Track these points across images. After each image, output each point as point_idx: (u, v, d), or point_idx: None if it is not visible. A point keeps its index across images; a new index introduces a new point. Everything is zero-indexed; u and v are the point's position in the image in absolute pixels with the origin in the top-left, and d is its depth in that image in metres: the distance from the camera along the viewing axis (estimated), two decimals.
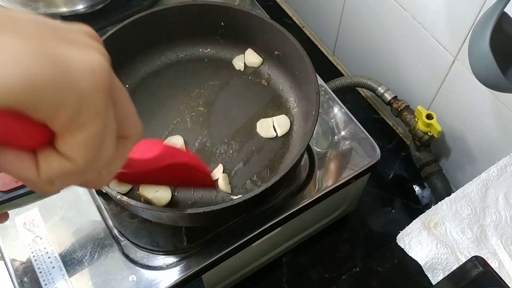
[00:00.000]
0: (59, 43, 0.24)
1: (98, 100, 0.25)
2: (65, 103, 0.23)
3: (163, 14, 0.72)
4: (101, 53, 0.26)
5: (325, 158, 0.72)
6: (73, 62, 0.24)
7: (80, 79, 0.24)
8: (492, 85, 0.56)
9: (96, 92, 0.25)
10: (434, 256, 0.57)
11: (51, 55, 0.23)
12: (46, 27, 0.25)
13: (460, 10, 0.70)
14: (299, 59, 0.67)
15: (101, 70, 0.25)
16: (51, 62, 0.23)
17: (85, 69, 0.24)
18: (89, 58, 0.25)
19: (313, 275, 0.85)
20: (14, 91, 0.22)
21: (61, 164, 0.25)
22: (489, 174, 0.62)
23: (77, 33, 0.27)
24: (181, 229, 0.64)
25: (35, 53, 0.23)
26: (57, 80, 0.23)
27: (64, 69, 0.24)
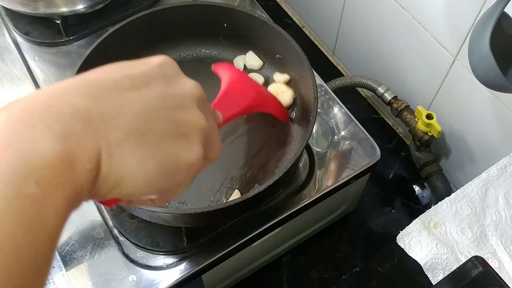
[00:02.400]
0: (175, 142, 0.30)
1: (188, 181, 0.33)
2: (167, 189, 0.31)
3: (165, 14, 0.72)
4: (202, 137, 0.32)
5: (325, 158, 0.72)
6: (180, 161, 0.31)
7: (181, 173, 0.31)
8: (492, 85, 0.56)
9: (188, 177, 0.32)
10: (434, 256, 0.57)
11: (169, 161, 0.30)
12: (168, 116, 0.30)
13: (460, 10, 0.70)
14: (299, 63, 0.67)
15: (196, 163, 0.32)
16: (166, 167, 0.30)
17: (187, 165, 0.31)
18: (191, 155, 0.31)
19: (313, 275, 0.85)
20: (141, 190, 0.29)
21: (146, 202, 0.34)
22: (489, 174, 0.62)
23: (189, 108, 0.32)
24: (181, 229, 0.64)
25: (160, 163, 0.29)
26: (167, 178, 0.30)
27: (174, 170, 0.30)
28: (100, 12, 0.84)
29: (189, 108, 0.32)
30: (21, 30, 0.84)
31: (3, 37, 0.85)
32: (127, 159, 0.28)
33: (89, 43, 0.73)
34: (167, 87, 0.31)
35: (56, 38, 0.83)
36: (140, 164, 0.28)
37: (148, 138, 0.29)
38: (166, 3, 0.73)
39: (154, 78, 0.31)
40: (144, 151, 0.29)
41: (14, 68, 0.81)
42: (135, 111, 0.29)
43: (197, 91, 0.34)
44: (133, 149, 0.28)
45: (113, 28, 0.68)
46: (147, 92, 0.30)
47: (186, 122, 0.31)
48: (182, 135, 0.31)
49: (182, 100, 0.32)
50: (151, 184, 0.29)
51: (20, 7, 0.80)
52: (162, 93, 0.31)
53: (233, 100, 0.55)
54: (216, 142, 0.36)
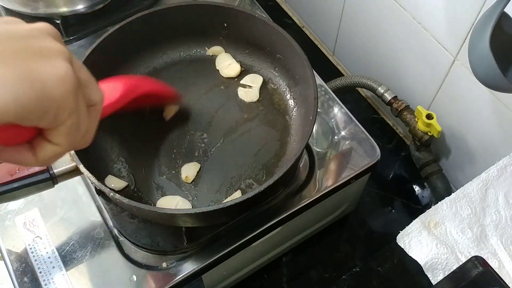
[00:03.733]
0: (32, 60, 0.30)
1: (70, 100, 0.31)
2: (46, 111, 0.30)
3: (165, 14, 0.72)
4: (64, 57, 0.32)
5: (325, 158, 0.72)
6: (46, 77, 0.30)
7: (54, 89, 0.30)
8: (492, 85, 0.56)
9: (67, 94, 0.31)
10: (434, 256, 0.57)
11: (30, 77, 0.29)
12: (18, 42, 0.30)
13: (460, 10, 0.70)
14: (299, 63, 0.67)
15: (68, 76, 0.31)
16: (31, 83, 0.29)
17: (57, 80, 0.30)
18: (57, 69, 0.31)
19: (313, 275, 0.85)
20: (6, 112, 0.28)
21: (53, 149, 0.33)
22: (489, 174, 0.62)
23: (42, 38, 0.32)
24: (181, 229, 0.64)
25: (18, 77, 0.28)
26: (38, 96, 0.29)
27: (41, 86, 0.29)
28: (100, 12, 0.84)
29: (41, 37, 0.32)
30: None
31: None
32: None
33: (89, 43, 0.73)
34: (9, 25, 0.31)
35: None
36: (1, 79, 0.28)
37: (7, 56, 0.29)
38: (166, 3, 0.73)
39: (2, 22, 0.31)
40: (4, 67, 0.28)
41: None
42: None
43: (48, 27, 0.33)
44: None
45: (113, 28, 0.68)
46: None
47: (40, 45, 0.31)
48: (40, 55, 0.30)
49: (30, 32, 0.31)
50: (18, 100, 0.28)
51: (20, 7, 0.80)
52: (4, 29, 0.30)
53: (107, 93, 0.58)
54: (93, 82, 0.35)
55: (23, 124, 0.30)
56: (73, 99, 0.32)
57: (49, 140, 0.33)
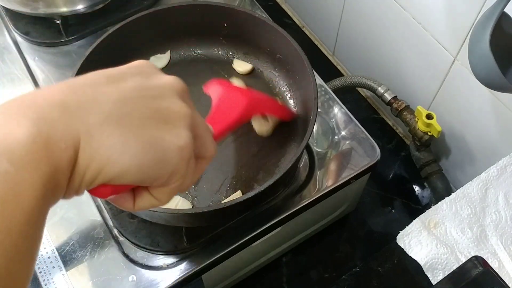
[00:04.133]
0: (158, 127, 0.30)
1: (183, 167, 0.32)
2: (161, 176, 0.31)
3: (165, 14, 0.72)
4: (187, 123, 0.32)
5: (325, 158, 0.72)
6: (168, 146, 0.31)
7: (172, 157, 0.31)
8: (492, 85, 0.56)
9: (182, 163, 0.32)
10: (434, 256, 0.57)
11: (154, 145, 0.30)
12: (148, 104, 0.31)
13: (460, 10, 0.70)
14: (299, 63, 0.67)
15: (187, 147, 0.32)
16: (154, 151, 0.30)
17: (176, 149, 0.31)
18: (179, 139, 0.31)
19: (313, 275, 0.85)
20: (127, 176, 0.29)
21: (151, 201, 0.34)
22: (489, 174, 0.62)
23: (171, 99, 0.32)
24: (181, 229, 0.64)
25: (143, 146, 0.29)
26: (157, 162, 0.30)
27: (163, 154, 0.30)
28: (100, 12, 0.84)
29: (169, 97, 0.32)
30: (21, 30, 0.84)
31: (3, 37, 0.85)
32: (108, 138, 0.28)
33: (89, 43, 0.73)
34: (144, 80, 0.32)
35: (56, 38, 0.83)
36: (123, 143, 0.29)
37: (128, 121, 0.29)
38: (166, 3, 0.73)
39: (131, 75, 0.32)
40: (125, 131, 0.29)
41: (14, 68, 0.81)
42: (112, 99, 0.29)
43: (177, 84, 0.34)
44: (113, 130, 0.28)
45: (113, 28, 0.68)
46: (123, 85, 0.30)
47: (167, 109, 0.32)
48: (165, 121, 0.31)
49: (161, 91, 0.32)
50: (140, 167, 0.29)
51: (20, 7, 0.80)
52: (139, 85, 0.31)
53: (226, 112, 0.55)
54: (208, 139, 0.36)
55: (134, 184, 0.32)
56: (186, 166, 0.32)
57: (151, 194, 0.34)
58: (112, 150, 0.28)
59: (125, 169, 0.29)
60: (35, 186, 0.25)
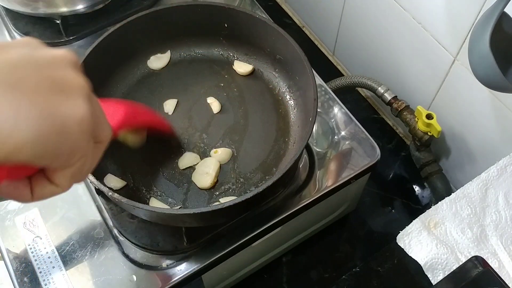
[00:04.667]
0: (54, 95, 0.27)
1: (84, 143, 0.29)
2: (61, 152, 0.28)
3: (165, 14, 0.72)
4: (85, 94, 0.30)
5: (325, 158, 0.72)
6: (66, 116, 0.28)
7: (72, 130, 0.28)
8: (492, 85, 0.56)
9: (84, 137, 0.29)
10: (434, 256, 0.57)
11: (51, 115, 0.27)
12: (41, 71, 0.28)
13: (460, 10, 0.70)
14: (299, 64, 0.67)
15: (86, 118, 0.29)
16: (52, 121, 0.27)
17: (76, 120, 0.28)
18: (78, 109, 0.28)
19: (313, 275, 0.85)
20: (22, 151, 0.26)
21: (51, 189, 0.31)
22: (489, 174, 0.62)
23: (64, 69, 0.30)
24: (181, 229, 0.64)
25: (40, 114, 0.26)
26: (56, 134, 0.27)
27: (61, 125, 0.27)
28: (100, 12, 0.84)
29: (63, 68, 0.30)
30: (21, 30, 0.84)
31: (3, 37, 0.85)
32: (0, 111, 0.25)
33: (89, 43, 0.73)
34: (32, 51, 0.29)
35: (56, 38, 0.83)
36: (17, 112, 0.25)
37: (20, 87, 0.26)
38: (166, 3, 0.73)
39: (16, 46, 0.28)
40: (18, 98, 0.26)
41: None
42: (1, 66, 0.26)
43: (70, 55, 0.31)
44: (3, 96, 0.25)
45: (113, 28, 0.68)
46: (12, 52, 0.27)
47: (62, 77, 0.29)
48: (61, 90, 0.28)
49: (52, 60, 0.29)
50: (37, 140, 0.26)
51: (20, 7, 0.80)
52: (28, 54, 0.28)
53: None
54: (104, 118, 0.33)
55: (33, 165, 0.28)
56: (87, 141, 0.30)
57: (50, 180, 0.31)
58: (4, 121, 0.25)
59: (21, 141, 0.25)
60: None
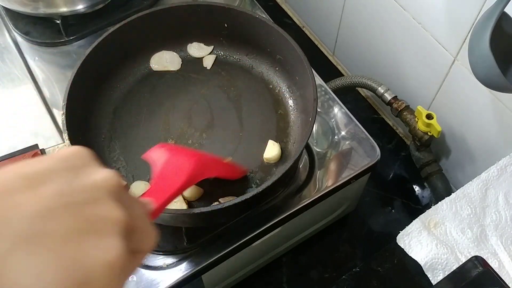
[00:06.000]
0: (82, 240, 0.26)
1: (114, 285, 0.27)
2: None
3: (165, 14, 0.72)
4: (120, 230, 0.28)
5: (325, 158, 0.72)
6: (93, 263, 0.26)
7: (99, 276, 0.26)
8: (492, 85, 0.56)
9: (113, 280, 0.27)
10: (434, 256, 0.57)
11: (74, 265, 0.25)
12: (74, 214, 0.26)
13: (460, 10, 0.70)
14: (299, 64, 0.67)
15: (117, 260, 0.27)
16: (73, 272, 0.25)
17: (104, 266, 0.26)
18: (108, 252, 0.26)
19: (313, 275, 0.85)
20: None
21: None
22: (489, 174, 0.62)
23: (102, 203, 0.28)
24: (181, 229, 0.64)
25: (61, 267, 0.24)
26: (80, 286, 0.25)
27: (84, 277, 0.25)
28: (100, 12, 0.84)
29: (101, 200, 0.28)
30: (21, 30, 0.84)
31: (3, 37, 0.85)
32: (21, 270, 0.23)
33: (89, 43, 0.73)
34: (70, 181, 0.27)
35: (56, 38, 0.83)
36: (39, 275, 0.24)
37: (46, 242, 0.24)
38: (166, 3, 0.73)
39: (55, 174, 0.27)
40: (42, 258, 0.24)
41: (14, 68, 0.81)
42: (27, 214, 0.25)
43: (111, 181, 0.29)
44: (27, 258, 0.24)
45: (113, 28, 0.68)
46: (43, 190, 0.26)
47: (96, 216, 0.27)
48: (93, 231, 0.26)
49: (91, 194, 0.28)
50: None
51: (20, 7, 0.80)
52: (63, 189, 0.26)
53: (170, 178, 0.49)
54: (147, 231, 0.32)
55: None
56: (118, 282, 0.27)
57: None
58: (24, 280, 0.23)
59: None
60: None
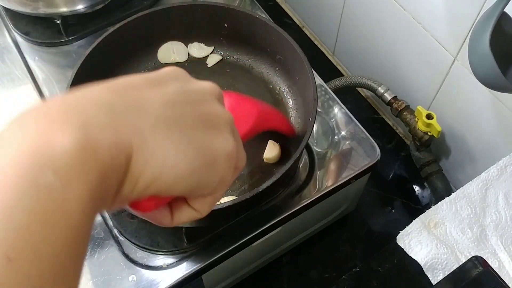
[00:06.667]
0: (206, 131, 0.29)
1: (230, 174, 0.30)
2: (210, 184, 0.29)
3: (165, 14, 0.72)
4: (231, 128, 0.31)
5: (325, 158, 0.72)
6: (217, 151, 0.29)
7: (221, 164, 0.29)
8: (492, 85, 0.56)
9: (231, 170, 0.30)
10: (434, 256, 0.57)
11: (205, 151, 0.28)
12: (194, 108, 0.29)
13: (460, 10, 0.70)
14: (299, 64, 0.67)
15: (234, 153, 0.30)
16: (205, 157, 0.28)
17: (225, 155, 0.29)
18: (226, 144, 0.30)
19: (313, 275, 0.85)
20: (183, 182, 0.27)
21: (190, 214, 0.32)
22: (489, 174, 0.62)
23: (212, 103, 0.31)
24: (181, 229, 0.64)
25: (196, 152, 0.27)
26: (208, 170, 0.28)
27: (213, 161, 0.29)
28: (100, 12, 0.84)
29: (211, 102, 0.31)
30: (21, 30, 0.84)
31: (3, 37, 0.85)
32: (162, 143, 0.26)
33: (89, 43, 0.73)
34: (184, 85, 0.30)
35: (56, 38, 0.83)
36: (177, 148, 0.27)
37: (180, 124, 0.27)
38: (166, 3, 0.73)
39: (169, 79, 0.30)
40: (178, 136, 0.27)
41: (14, 68, 0.81)
42: (159, 103, 0.27)
43: (216, 88, 0.33)
44: (166, 134, 0.26)
45: (113, 28, 0.68)
46: (165, 89, 0.29)
47: (213, 113, 0.30)
48: (212, 125, 0.29)
49: (202, 95, 0.31)
50: (193, 174, 0.27)
51: (20, 7, 0.80)
52: (181, 89, 0.30)
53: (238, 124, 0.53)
54: (242, 147, 0.34)
55: (184, 195, 0.30)
56: (232, 173, 0.31)
57: (190, 206, 0.31)
58: (166, 156, 0.26)
59: (179, 176, 0.27)
60: (84, 199, 0.22)
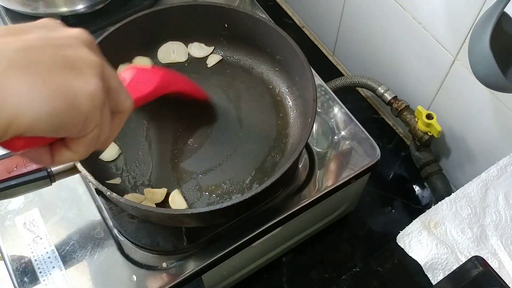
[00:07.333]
0: (67, 73, 0.31)
1: (96, 115, 0.32)
2: (74, 125, 0.31)
3: (165, 14, 0.72)
4: (96, 71, 0.33)
5: (325, 158, 0.72)
6: (78, 92, 0.31)
7: (83, 104, 0.31)
8: (492, 85, 0.56)
9: (95, 110, 0.32)
10: (434, 256, 0.57)
11: (63, 92, 0.30)
12: (55, 51, 0.31)
13: (460, 10, 0.70)
14: (299, 65, 0.67)
15: (97, 93, 0.32)
16: (64, 98, 0.30)
17: (87, 95, 0.31)
18: (88, 85, 0.31)
19: (313, 275, 0.85)
20: (38, 125, 0.29)
21: (69, 155, 0.35)
22: (489, 174, 0.62)
23: (78, 48, 0.33)
24: (181, 229, 0.64)
25: (53, 92, 0.29)
26: (68, 111, 0.30)
27: (73, 100, 0.30)
28: (100, 12, 0.84)
29: (76, 46, 0.32)
30: None
31: None
32: (15, 86, 0.28)
33: None
34: (48, 32, 0.32)
35: None
36: (31, 90, 0.28)
37: (34, 67, 0.29)
38: (166, 3, 0.73)
39: (35, 27, 0.32)
40: (32, 78, 0.28)
41: None
42: (15, 48, 0.29)
43: (84, 34, 0.34)
44: (19, 77, 0.28)
45: (113, 28, 0.68)
46: (26, 36, 0.30)
47: (75, 56, 0.32)
48: (73, 67, 0.31)
49: (67, 41, 0.32)
50: (51, 114, 0.29)
51: (20, 7, 0.80)
52: (44, 35, 0.31)
53: (141, 84, 0.56)
54: (123, 92, 0.36)
55: (48, 136, 0.31)
56: (99, 113, 0.33)
57: (68, 147, 0.34)
58: (20, 98, 0.28)
59: (36, 116, 0.28)
60: None
